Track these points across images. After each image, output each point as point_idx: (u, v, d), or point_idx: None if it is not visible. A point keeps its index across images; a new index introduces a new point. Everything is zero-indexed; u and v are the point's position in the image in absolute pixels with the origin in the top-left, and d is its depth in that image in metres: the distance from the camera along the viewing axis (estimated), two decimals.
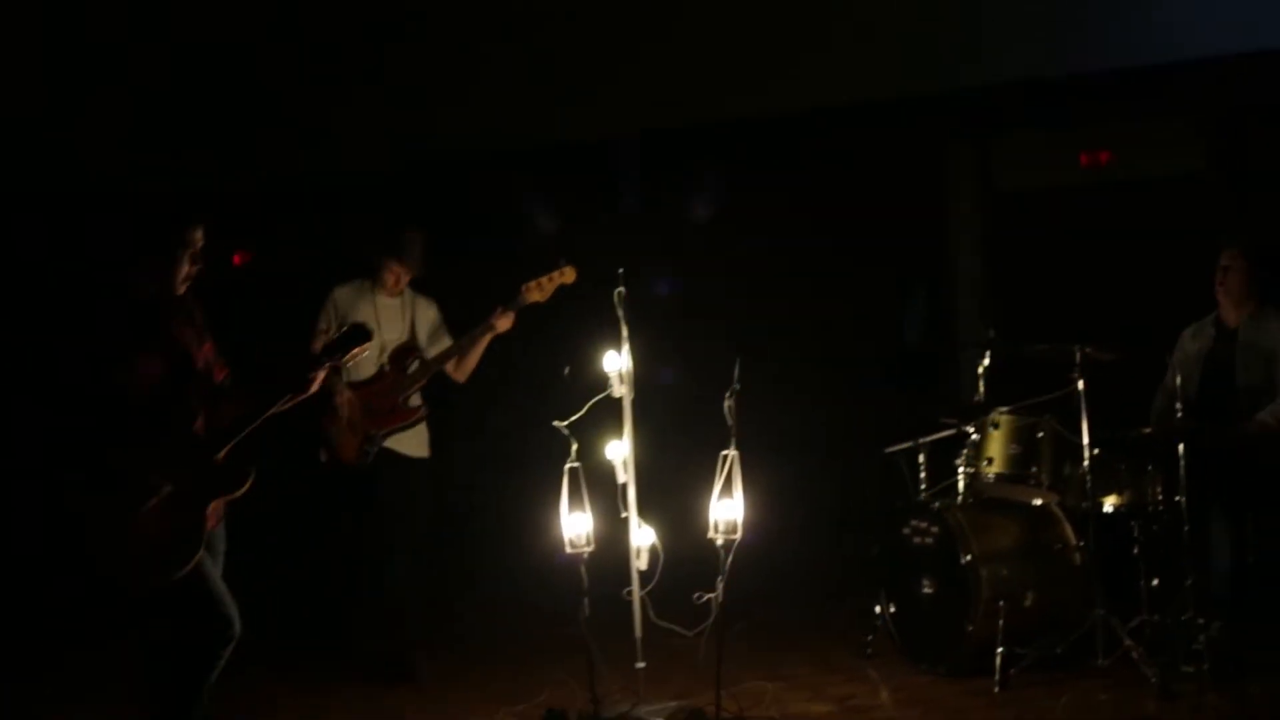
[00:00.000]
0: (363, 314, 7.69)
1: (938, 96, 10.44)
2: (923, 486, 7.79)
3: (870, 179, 10.82)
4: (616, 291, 6.85)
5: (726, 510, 6.59)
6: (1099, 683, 6.85)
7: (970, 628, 7.10)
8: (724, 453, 6.59)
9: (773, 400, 10.30)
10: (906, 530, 7.51)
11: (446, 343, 7.86)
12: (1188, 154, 10.64)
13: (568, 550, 6.66)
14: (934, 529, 7.36)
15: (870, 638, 7.74)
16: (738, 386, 6.58)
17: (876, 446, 8.15)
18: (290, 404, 5.66)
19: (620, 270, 6.85)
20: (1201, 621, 6.96)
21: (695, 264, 10.80)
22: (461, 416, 8.54)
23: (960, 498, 7.52)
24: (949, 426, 7.69)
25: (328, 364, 5.68)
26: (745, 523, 6.55)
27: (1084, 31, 10.16)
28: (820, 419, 10.22)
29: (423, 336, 7.85)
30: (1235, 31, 9.78)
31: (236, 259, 12.35)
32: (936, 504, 7.47)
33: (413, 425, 7.73)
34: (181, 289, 5.71)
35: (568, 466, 6.64)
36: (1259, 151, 10.29)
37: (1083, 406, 7.03)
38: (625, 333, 6.85)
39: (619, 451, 6.86)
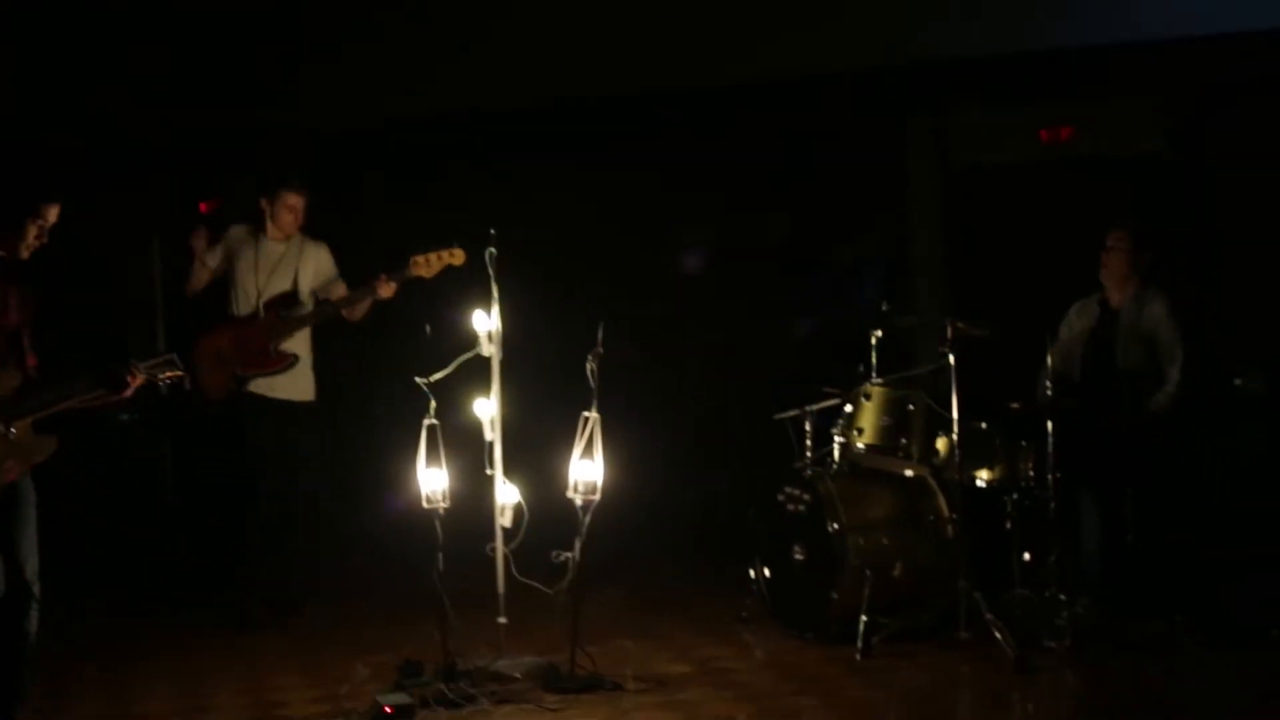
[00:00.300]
0: (245, 256, 7.85)
1: (898, 69, 10.41)
2: (809, 455, 7.78)
3: (827, 153, 10.82)
4: (487, 251, 6.88)
5: (586, 471, 6.65)
6: (960, 655, 6.85)
7: (835, 595, 7.11)
8: (585, 414, 6.64)
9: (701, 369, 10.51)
10: (781, 497, 7.52)
11: (337, 284, 7.97)
12: (1148, 134, 10.60)
13: (424, 505, 6.70)
14: (806, 497, 7.36)
15: (747, 602, 7.76)
16: (601, 350, 6.61)
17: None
18: (100, 401, 5.78)
19: (491, 231, 6.88)
20: (1063, 598, 6.96)
21: (629, 234, 10.82)
22: (342, 368, 8.60)
23: (836, 467, 7.52)
24: (831, 396, 7.68)
25: (144, 376, 5.80)
26: (612, 483, 6.63)
27: (1047, 7, 10.13)
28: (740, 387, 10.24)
29: (308, 284, 7.96)
30: (1198, 14, 9.77)
31: (203, 207, 12.45)
32: (809, 472, 7.46)
33: (280, 372, 7.83)
34: (25, 254, 5.79)
35: (426, 423, 6.67)
36: (1217, 134, 10.26)
37: (953, 381, 7.01)
38: (495, 293, 6.88)
39: (486, 410, 6.90)
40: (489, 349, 6.88)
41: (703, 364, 10.65)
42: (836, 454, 7.54)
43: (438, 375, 6.73)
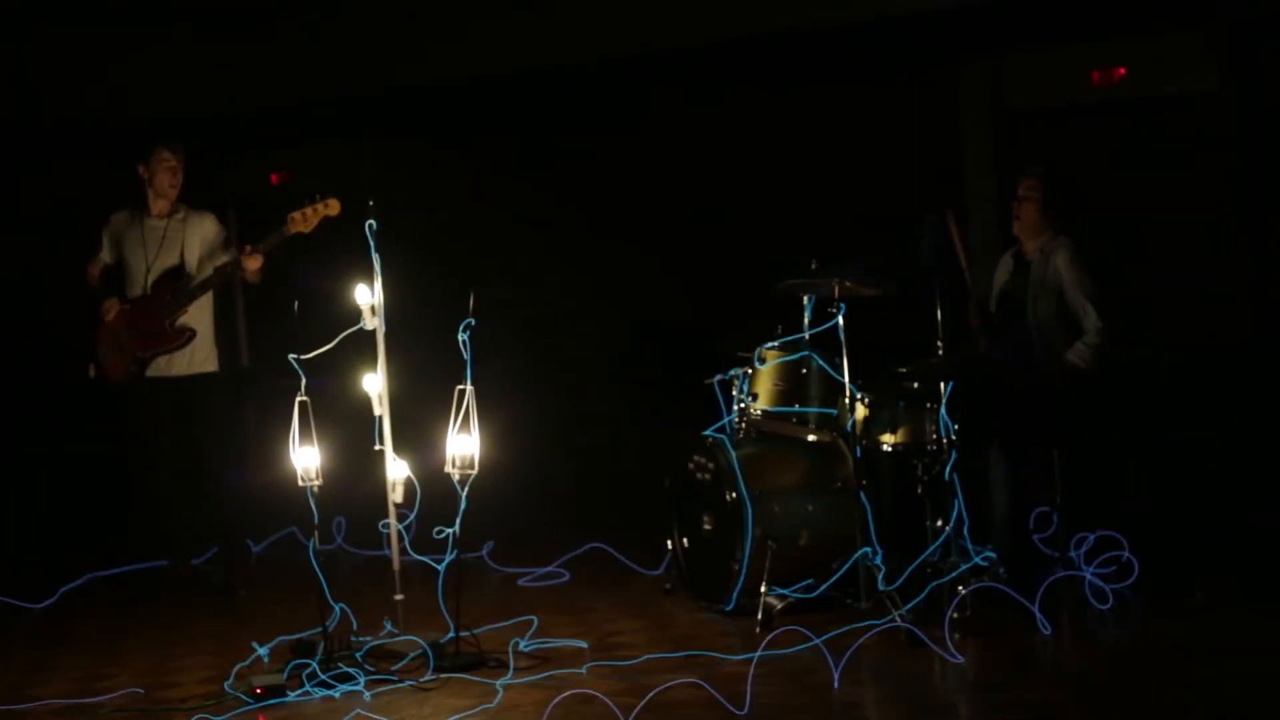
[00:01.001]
0: (132, 238, 7.85)
1: (949, 10, 10.14)
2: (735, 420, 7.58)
3: (878, 98, 10.59)
4: (367, 224, 6.79)
5: (463, 445, 6.56)
6: (858, 627, 6.63)
7: (736, 566, 6.93)
8: (460, 387, 6.54)
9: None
10: (691, 465, 7.35)
11: (221, 252, 7.92)
12: (1201, 71, 10.23)
13: (299, 483, 6.64)
14: (710, 464, 7.19)
15: (671, 574, 7.63)
16: (473, 321, 6.50)
17: None
18: None
19: (370, 202, 6.79)
20: (963, 566, 6.71)
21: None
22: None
23: (742, 433, 7.32)
24: (742, 361, 7.45)
25: None
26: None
27: None
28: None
29: (195, 257, 7.92)
30: None
31: (274, 178, 12.54)
32: (711, 439, 7.26)
33: (179, 348, 7.81)
34: None
35: (298, 400, 6.60)
36: (1273, 71, 9.85)
37: (843, 341, 6.78)
38: (378, 266, 6.80)
39: (374, 384, 6.83)
40: (372, 323, 6.81)
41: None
42: (745, 421, 7.34)
43: (315, 352, 6.67)
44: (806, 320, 7.35)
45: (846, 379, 6.77)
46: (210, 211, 8.06)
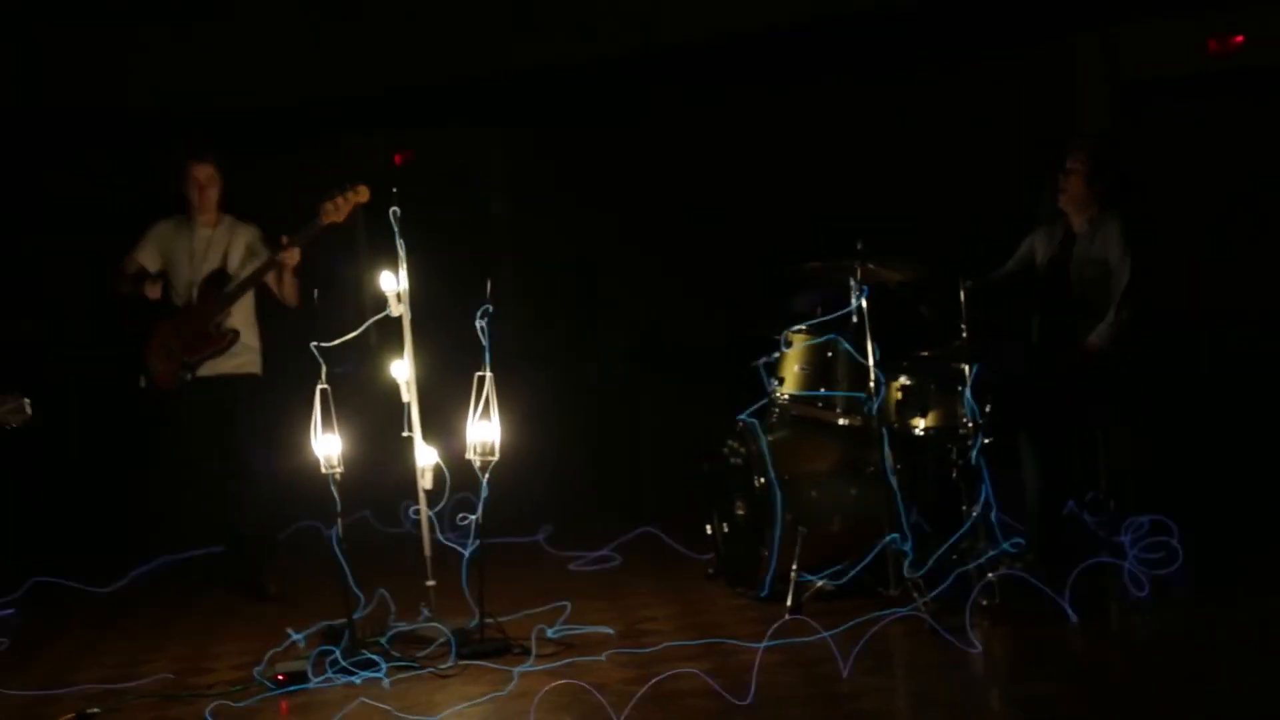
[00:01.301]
0: (179, 248, 7.87)
1: None
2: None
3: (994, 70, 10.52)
4: (391, 211, 6.81)
5: (483, 431, 6.55)
6: (884, 614, 6.50)
7: (766, 552, 6.84)
8: (479, 374, 6.53)
9: None
10: (725, 449, 7.27)
11: (265, 253, 7.90)
12: None
13: (322, 470, 6.67)
14: (742, 449, 7.10)
15: (712, 559, 7.55)
16: (490, 307, 6.50)
17: None
18: None
19: (394, 189, 6.81)
20: (991, 553, 6.55)
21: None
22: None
23: (776, 417, 7.21)
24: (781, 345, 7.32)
25: None
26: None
27: None
28: None
29: (237, 260, 7.92)
30: None
31: (398, 158, 12.70)
32: (741, 424, 7.16)
33: (225, 350, 7.83)
34: None
35: (319, 388, 6.63)
36: None
37: (866, 325, 6.64)
38: (403, 253, 6.81)
39: (401, 371, 6.85)
40: (398, 309, 6.83)
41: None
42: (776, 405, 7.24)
43: (341, 339, 6.70)
44: (854, 303, 7.19)
45: (871, 362, 6.64)
46: (254, 224, 8.06)
